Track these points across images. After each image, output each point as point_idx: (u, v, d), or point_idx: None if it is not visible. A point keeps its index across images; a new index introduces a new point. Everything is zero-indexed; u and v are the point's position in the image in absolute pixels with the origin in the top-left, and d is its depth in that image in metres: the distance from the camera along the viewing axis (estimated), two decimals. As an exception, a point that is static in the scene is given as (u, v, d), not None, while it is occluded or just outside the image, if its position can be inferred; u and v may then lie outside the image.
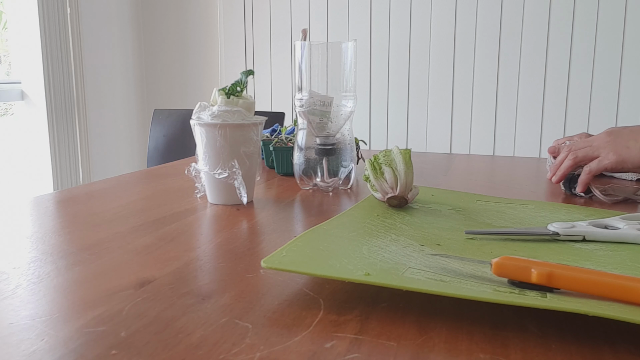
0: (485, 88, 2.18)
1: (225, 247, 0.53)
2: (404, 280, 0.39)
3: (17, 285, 0.43)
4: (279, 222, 0.62)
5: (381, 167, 0.65)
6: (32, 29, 2.07)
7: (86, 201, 0.73)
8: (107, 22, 2.42)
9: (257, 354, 0.32)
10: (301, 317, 0.37)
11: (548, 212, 0.64)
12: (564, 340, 0.34)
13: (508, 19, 2.11)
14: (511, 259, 0.40)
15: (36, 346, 0.33)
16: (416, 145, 2.29)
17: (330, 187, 0.80)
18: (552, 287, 0.38)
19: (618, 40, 1.99)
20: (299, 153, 0.80)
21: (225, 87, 0.71)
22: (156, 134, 1.78)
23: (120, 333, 0.35)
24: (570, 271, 0.39)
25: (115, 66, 2.48)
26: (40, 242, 0.54)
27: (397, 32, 2.25)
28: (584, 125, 2.06)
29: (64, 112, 2.19)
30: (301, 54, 0.78)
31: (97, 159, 2.39)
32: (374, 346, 0.33)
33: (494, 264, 0.40)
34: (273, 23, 2.42)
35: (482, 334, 0.35)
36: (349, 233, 0.51)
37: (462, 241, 0.52)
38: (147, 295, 0.41)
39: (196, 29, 2.56)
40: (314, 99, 0.78)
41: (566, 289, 0.38)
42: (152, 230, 0.59)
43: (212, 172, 0.68)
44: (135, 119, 2.63)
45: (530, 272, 0.39)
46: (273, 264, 0.41)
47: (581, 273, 0.38)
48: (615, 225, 0.55)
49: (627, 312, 0.34)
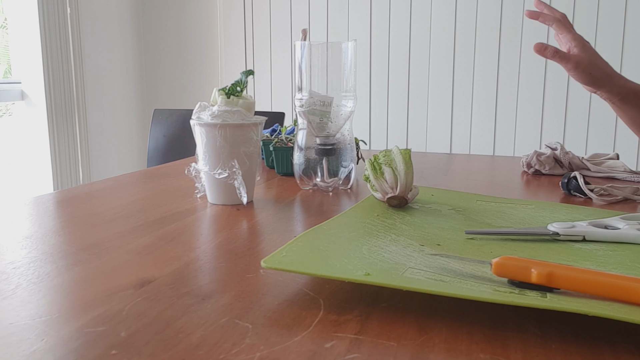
0: (485, 88, 2.18)
1: (225, 247, 0.53)
2: (404, 280, 0.39)
3: (17, 285, 0.43)
4: (279, 222, 0.62)
5: (381, 167, 0.65)
6: (32, 29, 2.07)
7: (86, 201, 0.73)
8: (107, 22, 2.42)
9: (257, 354, 0.32)
10: (301, 317, 0.37)
11: (548, 212, 0.64)
12: (564, 340, 0.34)
13: (508, 19, 2.11)
14: (511, 259, 0.40)
15: (36, 346, 0.33)
16: (416, 145, 2.29)
17: (330, 187, 0.80)
18: (552, 287, 0.38)
19: (618, 40, 1.99)
20: (299, 153, 0.80)
21: (225, 87, 0.71)
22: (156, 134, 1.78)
23: (120, 333, 0.35)
24: (570, 271, 0.39)
25: (115, 66, 2.48)
26: (40, 242, 0.54)
27: (397, 32, 2.25)
28: (583, 125, 2.06)
29: (64, 112, 2.19)
30: (301, 54, 0.78)
31: (97, 159, 2.39)
32: (374, 346, 0.33)
33: (494, 264, 0.40)
34: (273, 23, 2.42)
35: (482, 334, 0.35)
36: (349, 233, 0.51)
37: (462, 241, 0.52)
38: (147, 295, 0.41)
39: (196, 29, 2.56)
40: (314, 99, 0.78)
41: (566, 289, 0.38)
42: (152, 230, 0.59)
43: (212, 172, 0.68)
44: (135, 119, 2.63)
45: (530, 272, 0.39)
46: (273, 264, 0.41)
47: (581, 273, 0.38)
48: (615, 225, 0.55)
49: (627, 312, 0.34)
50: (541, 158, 0.95)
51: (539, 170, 0.96)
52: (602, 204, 0.73)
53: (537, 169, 0.96)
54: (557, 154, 0.96)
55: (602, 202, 0.74)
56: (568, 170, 0.95)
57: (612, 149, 2.01)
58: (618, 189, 0.75)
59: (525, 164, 0.97)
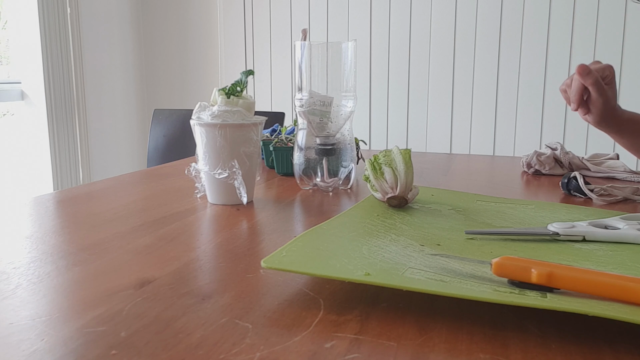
0: (485, 88, 2.18)
1: (225, 247, 0.53)
2: (404, 280, 0.39)
3: (17, 285, 0.43)
4: (279, 222, 0.62)
5: (381, 167, 0.65)
6: (32, 29, 2.07)
7: (86, 201, 0.73)
8: (107, 22, 2.42)
9: (257, 354, 0.32)
10: (301, 317, 0.37)
11: (548, 212, 0.64)
12: (564, 340, 0.34)
13: (508, 19, 2.11)
14: (511, 259, 0.40)
15: (36, 346, 0.33)
16: (416, 145, 2.29)
17: (330, 187, 0.80)
18: (552, 287, 0.38)
19: (618, 40, 1.99)
20: (299, 153, 0.80)
21: (225, 87, 0.71)
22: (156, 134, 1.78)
23: (120, 333, 0.35)
24: (570, 271, 0.39)
25: (115, 66, 2.48)
26: (40, 242, 0.54)
27: (397, 32, 2.25)
28: (583, 125, 2.06)
29: (64, 112, 2.19)
30: (301, 54, 0.78)
31: (97, 159, 2.39)
32: (374, 346, 0.33)
33: (494, 264, 0.40)
34: (273, 23, 2.42)
35: (482, 334, 0.35)
36: (349, 233, 0.51)
37: (462, 241, 0.52)
38: (147, 295, 0.41)
39: (196, 29, 2.56)
40: (314, 99, 0.78)
41: (566, 289, 0.38)
42: (152, 230, 0.59)
43: (212, 172, 0.68)
44: (135, 119, 2.63)
45: (530, 272, 0.39)
46: (273, 264, 0.41)
47: (581, 273, 0.38)
48: (615, 225, 0.55)
49: (627, 312, 0.34)
50: (541, 158, 0.95)
51: (539, 170, 0.96)
52: (602, 204, 0.73)
53: (537, 169, 0.96)
54: (557, 154, 0.96)
55: (602, 202, 0.74)
56: (568, 171, 0.95)
57: (612, 149, 2.01)
58: (618, 189, 0.75)
59: (525, 164, 0.97)
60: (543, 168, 0.95)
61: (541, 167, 0.96)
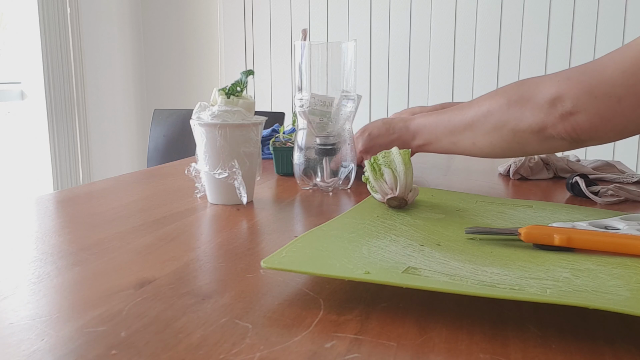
0: (485, 88, 2.18)
1: (225, 247, 0.53)
2: (404, 278, 0.39)
3: (17, 285, 0.43)
4: (279, 222, 0.62)
5: (381, 168, 0.65)
6: (32, 29, 2.07)
7: (86, 201, 0.73)
8: (107, 22, 2.42)
9: (257, 354, 0.32)
10: (301, 317, 0.37)
11: (548, 212, 0.64)
12: (564, 340, 0.34)
13: (508, 19, 2.11)
14: (537, 228, 0.48)
15: (36, 346, 0.33)
16: (416, 145, 2.28)
17: (330, 187, 0.80)
18: (571, 247, 0.47)
19: (618, 40, 1.99)
20: (299, 153, 0.80)
21: (225, 87, 0.71)
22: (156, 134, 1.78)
23: (120, 333, 0.35)
24: (585, 234, 0.47)
25: (115, 66, 2.48)
26: (40, 242, 0.54)
27: (397, 32, 2.25)
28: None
29: (64, 112, 2.19)
30: (301, 54, 0.78)
31: (97, 159, 2.39)
32: (374, 346, 0.33)
33: (523, 232, 0.48)
34: (273, 23, 2.42)
35: (482, 334, 0.35)
36: (349, 234, 0.51)
37: (462, 241, 0.52)
38: (147, 295, 0.41)
39: (196, 29, 2.56)
40: (314, 99, 0.78)
41: (583, 248, 0.47)
42: (152, 230, 0.59)
43: (212, 172, 0.68)
44: (135, 119, 2.63)
45: (553, 237, 0.47)
46: (273, 264, 0.41)
47: (595, 235, 0.47)
48: (615, 226, 0.55)
49: (627, 303, 0.34)
50: (531, 164, 0.92)
51: (524, 177, 0.92)
52: (604, 204, 0.73)
53: (522, 175, 0.92)
54: (545, 157, 0.94)
55: (605, 203, 0.73)
56: (554, 174, 0.94)
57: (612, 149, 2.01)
58: (624, 189, 0.75)
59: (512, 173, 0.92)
60: (529, 174, 0.92)
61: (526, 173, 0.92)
